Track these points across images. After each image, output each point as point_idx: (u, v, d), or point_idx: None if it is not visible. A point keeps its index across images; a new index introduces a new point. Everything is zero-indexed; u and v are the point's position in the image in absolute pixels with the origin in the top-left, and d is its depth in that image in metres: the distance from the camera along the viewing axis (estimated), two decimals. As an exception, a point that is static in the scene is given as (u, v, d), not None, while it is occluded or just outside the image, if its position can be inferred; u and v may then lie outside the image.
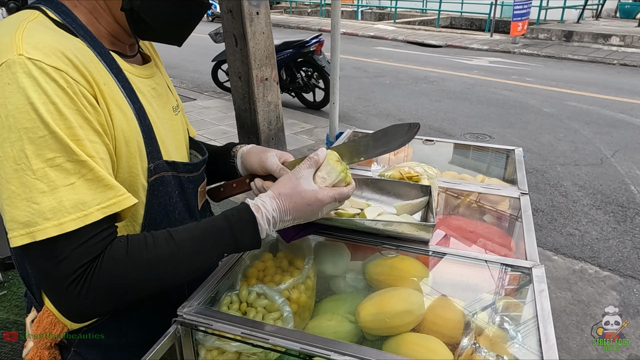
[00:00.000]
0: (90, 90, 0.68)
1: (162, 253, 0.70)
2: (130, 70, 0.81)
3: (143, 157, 0.78)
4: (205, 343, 0.83)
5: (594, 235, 3.57)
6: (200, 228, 0.75)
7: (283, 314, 0.87)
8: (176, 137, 0.92)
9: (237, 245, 0.77)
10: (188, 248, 0.72)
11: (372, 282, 1.04)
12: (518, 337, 0.87)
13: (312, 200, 0.81)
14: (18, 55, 0.62)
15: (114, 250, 0.67)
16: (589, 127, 5.90)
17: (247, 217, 0.77)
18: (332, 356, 0.72)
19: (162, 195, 0.84)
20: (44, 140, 0.62)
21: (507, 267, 0.97)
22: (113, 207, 0.67)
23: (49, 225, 0.62)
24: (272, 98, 3.87)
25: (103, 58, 0.74)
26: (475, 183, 1.38)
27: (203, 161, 0.97)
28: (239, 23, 3.49)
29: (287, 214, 0.80)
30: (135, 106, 0.77)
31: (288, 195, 0.80)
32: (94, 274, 0.65)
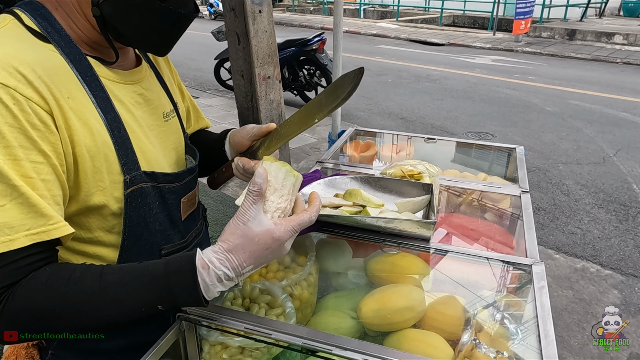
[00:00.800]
0: (44, 107, 0.66)
1: (83, 291, 0.65)
2: (110, 77, 0.78)
3: (115, 170, 0.76)
4: (208, 338, 0.84)
5: (596, 234, 3.57)
6: (134, 272, 0.68)
7: (285, 309, 0.89)
8: (164, 145, 0.89)
9: (173, 298, 0.67)
10: (113, 292, 0.66)
11: (373, 278, 1.05)
12: (518, 334, 0.88)
13: (268, 243, 0.70)
14: None
15: (34, 278, 0.64)
16: (591, 125, 5.89)
17: (187, 267, 0.67)
18: (334, 351, 0.73)
19: (141, 207, 0.81)
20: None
21: (507, 265, 0.98)
22: (42, 235, 0.64)
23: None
24: (274, 96, 3.88)
25: (76, 66, 0.72)
26: (477, 181, 1.39)
27: (189, 171, 0.93)
28: (241, 21, 3.50)
29: (242, 266, 0.69)
30: (107, 116, 0.75)
31: (239, 247, 0.69)
32: (9, 299, 0.62)
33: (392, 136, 1.81)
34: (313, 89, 6.56)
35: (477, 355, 0.83)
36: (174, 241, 0.90)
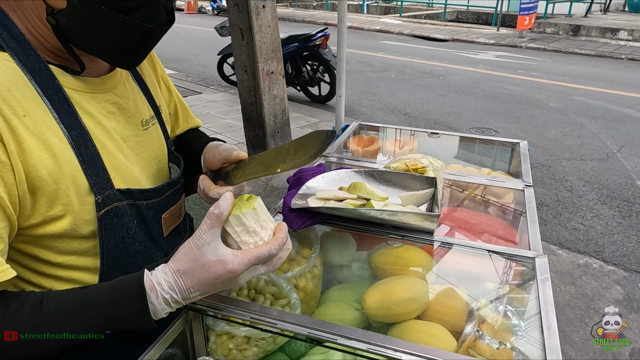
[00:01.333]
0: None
1: (20, 325, 0.59)
2: (76, 87, 0.71)
3: (83, 191, 0.69)
4: (215, 328, 0.85)
5: (599, 229, 3.57)
6: (77, 299, 0.64)
7: (290, 300, 0.90)
8: (143, 155, 0.83)
9: (120, 323, 0.63)
10: (53, 322, 0.61)
11: (377, 271, 1.06)
12: (521, 325, 0.89)
13: (219, 273, 0.65)
14: None
15: None
16: (595, 122, 5.88)
17: (136, 293, 0.63)
18: (339, 340, 0.74)
19: (118, 228, 0.75)
20: None
21: (510, 257, 0.99)
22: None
23: None
24: (278, 91, 3.88)
25: (35, 77, 0.65)
26: (480, 175, 1.40)
27: (170, 184, 0.86)
28: (245, 16, 3.51)
29: (189, 291, 0.66)
30: (72, 132, 0.68)
31: (188, 272, 0.65)
32: None
33: (396, 131, 1.82)
34: (316, 85, 6.56)
35: (480, 346, 0.84)
36: (156, 260, 0.85)
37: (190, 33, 12.46)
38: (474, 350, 0.84)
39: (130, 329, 0.64)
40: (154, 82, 0.93)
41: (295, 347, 0.91)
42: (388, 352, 0.72)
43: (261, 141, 3.93)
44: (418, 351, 0.71)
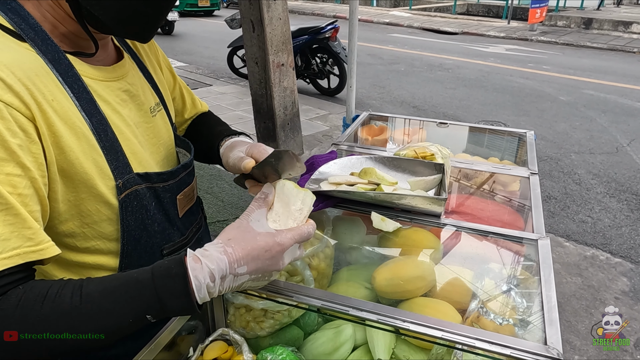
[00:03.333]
0: (25, 113, 0.60)
1: (60, 307, 0.58)
2: (92, 75, 0.73)
3: (106, 176, 0.72)
4: (234, 301, 0.91)
5: (607, 222, 3.58)
6: (118, 280, 0.62)
7: (304, 277, 0.95)
8: (153, 141, 0.86)
9: (161, 304, 0.61)
10: (95, 304, 0.59)
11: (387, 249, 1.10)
12: (523, 303, 0.93)
13: (270, 244, 0.65)
14: None
15: (4, 300, 0.57)
16: (605, 115, 5.85)
17: (177, 270, 0.62)
18: (350, 312, 0.79)
19: (138, 210, 0.78)
20: None
21: (514, 239, 1.03)
22: (16, 258, 0.58)
23: None
24: (288, 84, 3.93)
25: (56, 66, 0.67)
26: (487, 163, 1.44)
27: (183, 167, 0.89)
28: (256, 9, 3.55)
29: (238, 263, 0.64)
30: (93, 120, 0.70)
31: (238, 241, 0.65)
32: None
33: (405, 121, 1.86)
34: (325, 77, 6.59)
35: (484, 322, 0.89)
36: (174, 239, 0.89)
37: (200, 26, 12.52)
38: (478, 325, 0.89)
39: (171, 309, 0.62)
40: (156, 69, 0.94)
41: (308, 321, 0.96)
42: (397, 323, 0.76)
43: (271, 133, 3.98)
44: (425, 321, 0.76)
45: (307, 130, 5.16)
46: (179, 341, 0.87)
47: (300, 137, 4.23)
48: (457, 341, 0.73)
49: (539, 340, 0.75)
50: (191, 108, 1.08)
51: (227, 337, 0.89)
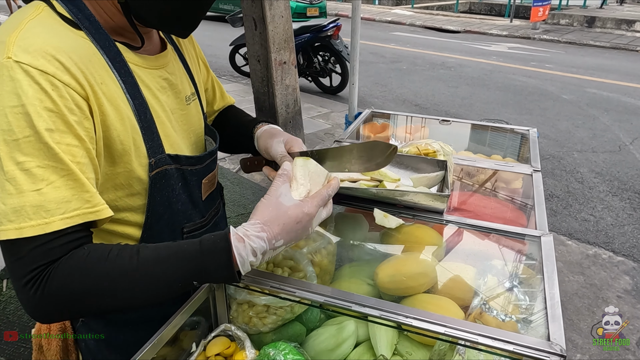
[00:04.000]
0: (80, 93, 0.68)
1: (120, 268, 0.67)
2: (137, 63, 0.81)
3: (141, 153, 0.79)
4: (236, 297, 0.91)
5: (609, 221, 3.57)
6: (170, 249, 0.70)
7: (307, 273, 0.95)
8: (185, 127, 0.92)
9: (207, 275, 0.70)
10: (150, 268, 0.68)
11: (390, 246, 1.10)
12: (525, 299, 0.93)
13: (300, 216, 0.74)
14: (6, 58, 0.63)
15: (72, 257, 0.65)
16: (608, 114, 5.83)
17: (222, 244, 0.70)
18: (353, 307, 0.79)
19: (165, 188, 0.84)
20: (16, 144, 0.63)
21: (517, 236, 1.03)
22: (76, 218, 0.65)
23: (11, 227, 0.62)
24: (290, 81, 3.92)
25: (106, 52, 0.74)
26: (490, 160, 1.44)
27: (210, 154, 0.96)
28: (258, 7, 3.54)
29: (276, 239, 0.72)
30: (135, 102, 0.77)
31: (274, 219, 0.73)
32: (49, 277, 0.64)
33: (407, 118, 1.86)
34: (327, 75, 6.58)
35: (486, 318, 0.89)
36: (194, 220, 0.94)
37: (201, 24, 12.45)
38: (481, 321, 0.88)
39: (215, 278, 0.72)
40: (193, 61, 1.01)
41: (311, 317, 0.96)
42: (399, 319, 0.77)
43: (273, 130, 3.97)
44: (428, 317, 0.76)
45: (309, 128, 5.15)
46: (182, 337, 0.87)
47: (302, 135, 4.23)
48: (459, 337, 0.73)
49: (542, 336, 0.75)
50: (220, 100, 1.16)
51: (230, 333, 0.89)
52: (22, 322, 2.34)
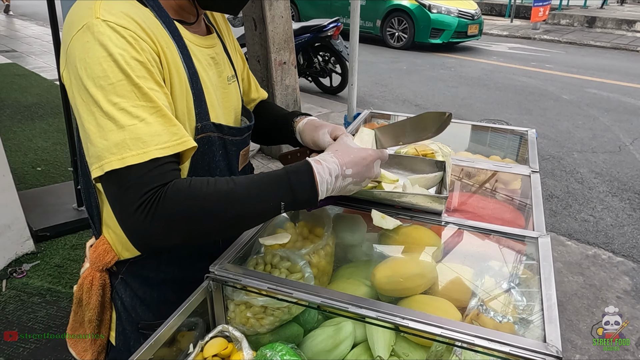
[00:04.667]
0: (154, 49, 0.79)
1: (221, 189, 0.76)
2: (191, 39, 0.90)
3: (192, 116, 0.87)
4: (234, 298, 0.91)
5: (609, 221, 3.58)
6: (259, 175, 0.81)
7: (304, 274, 0.95)
8: (226, 104, 1.01)
9: (294, 194, 0.80)
10: (246, 188, 0.77)
11: (387, 247, 1.10)
12: (523, 301, 0.93)
13: (365, 154, 0.88)
14: (95, 18, 0.74)
15: (177, 184, 0.74)
16: (608, 114, 5.83)
17: (305, 167, 0.82)
18: (350, 309, 0.79)
19: (207, 153, 0.92)
20: (112, 87, 0.72)
21: (515, 237, 1.03)
22: (167, 149, 0.74)
23: (114, 159, 0.71)
24: (290, 82, 3.93)
25: (167, 26, 0.85)
26: (488, 161, 1.44)
27: (248, 128, 1.05)
28: (258, 7, 3.54)
29: (347, 166, 0.85)
30: (189, 70, 0.87)
31: (344, 151, 0.88)
32: (158, 202, 0.71)
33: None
34: (327, 75, 6.58)
35: (484, 319, 0.89)
36: None
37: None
38: (478, 322, 0.89)
39: (300, 198, 0.81)
40: (233, 51, 1.11)
41: (308, 318, 0.96)
42: (396, 320, 0.77)
43: (273, 131, 3.98)
44: (424, 319, 0.76)
45: (309, 129, 5.15)
46: (179, 337, 0.87)
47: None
48: (456, 338, 0.73)
49: (539, 338, 0.75)
50: (255, 91, 1.24)
51: (227, 334, 0.89)
52: (21, 322, 2.34)
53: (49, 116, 5.33)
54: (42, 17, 11.36)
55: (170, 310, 0.84)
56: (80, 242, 3.01)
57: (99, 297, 0.98)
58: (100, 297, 0.99)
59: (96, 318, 1.01)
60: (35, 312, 2.41)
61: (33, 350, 2.20)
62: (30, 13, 13.25)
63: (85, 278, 0.99)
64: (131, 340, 1.02)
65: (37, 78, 6.96)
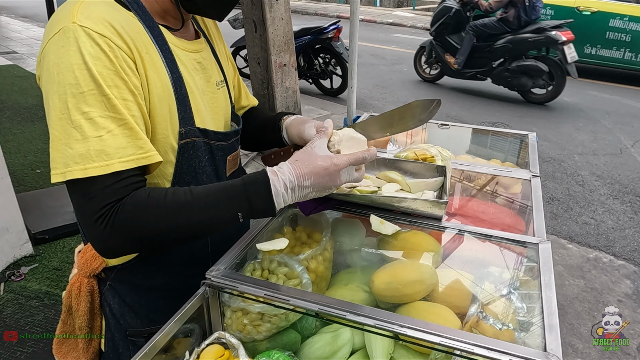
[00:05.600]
0: (130, 56, 0.78)
1: (178, 201, 0.77)
2: (176, 44, 0.90)
3: (175, 121, 0.87)
4: (230, 304, 0.90)
5: (610, 224, 3.56)
6: (218, 186, 0.82)
7: (302, 280, 0.94)
8: (215, 109, 1.00)
9: (250, 204, 0.80)
10: (203, 200, 0.79)
11: (386, 253, 1.09)
12: (523, 307, 0.92)
13: (328, 164, 0.83)
14: (72, 22, 0.74)
15: (136, 195, 0.76)
16: (609, 117, 5.82)
17: (262, 178, 0.81)
18: (347, 316, 0.78)
19: (192, 158, 0.92)
20: (82, 96, 0.72)
21: (515, 243, 1.02)
22: (131, 162, 0.75)
23: (77, 168, 0.72)
24: (290, 84, 3.92)
25: (150, 31, 0.84)
26: (488, 165, 1.43)
27: (235, 132, 1.04)
28: (258, 9, 3.54)
29: (305, 178, 0.82)
30: (173, 75, 0.86)
31: (304, 160, 0.83)
32: (117, 212, 0.74)
33: (406, 122, 1.84)
34: (328, 78, 6.57)
35: (483, 327, 0.88)
36: None
37: (203, 25, 12.46)
38: (477, 330, 0.87)
39: (257, 208, 0.81)
40: (223, 57, 1.10)
41: (306, 325, 0.95)
42: (394, 328, 0.76)
43: (273, 133, 3.97)
44: (423, 327, 0.75)
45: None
46: (175, 344, 0.86)
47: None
48: (455, 347, 0.72)
49: (539, 346, 0.74)
50: (245, 99, 1.24)
51: (224, 341, 0.88)
52: (19, 326, 2.33)
53: (49, 118, 5.32)
54: (42, 18, 11.37)
55: (159, 318, 0.84)
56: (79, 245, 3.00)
57: (88, 303, 0.99)
58: (89, 304, 0.99)
59: (86, 325, 1.01)
60: (33, 316, 2.40)
61: (30, 354, 2.18)
62: (31, 14, 13.27)
63: (74, 284, 0.99)
64: (120, 347, 1.02)
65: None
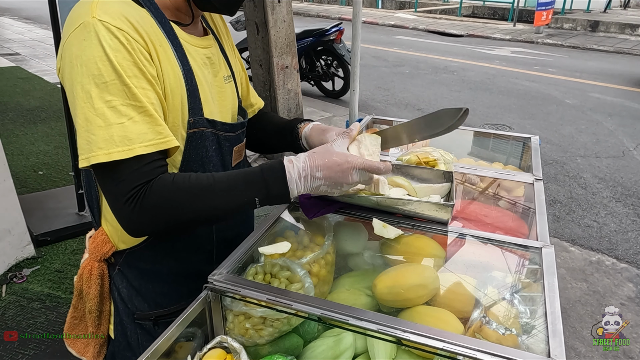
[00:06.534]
0: (146, 48, 0.83)
1: (201, 183, 0.83)
2: (186, 39, 0.94)
3: (185, 111, 0.91)
4: (233, 308, 0.90)
5: (613, 227, 3.55)
6: (237, 171, 0.88)
7: (305, 284, 0.93)
8: (223, 102, 1.04)
9: (267, 190, 0.86)
10: (224, 183, 0.85)
11: (388, 257, 1.09)
12: (526, 312, 0.92)
13: (342, 161, 0.89)
14: (92, 17, 0.78)
15: (162, 178, 0.82)
16: (612, 119, 5.81)
17: (278, 166, 0.87)
18: (350, 321, 0.78)
19: (200, 148, 0.96)
20: (105, 86, 0.77)
21: (518, 247, 1.02)
22: (151, 147, 0.80)
23: (101, 153, 0.76)
24: (292, 86, 3.92)
25: (162, 26, 0.89)
26: (491, 169, 1.42)
27: (241, 124, 1.09)
28: (260, 11, 3.54)
29: (317, 169, 0.87)
30: (184, 67, 0.91)
31: (320, 153, 0.89)
32: (145, 194, 0.79)
33: (409, 125, 1.84)
34: (330, 80, 6.57)
35: (486, 331, 0.87)
36: None
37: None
38: (480, 334, 0.87)
39: (273, 193, 0.87)
40: (232, 55, 1.14)
41: (308, 329, 0.95)
42: (397, 333, 0.75)
43: (275, 135, 3.97)
44: (426, 332, 0.74)
45: (311, 133, 5.14)
46: (177, 348, 0.86)
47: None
48: (458, 352, 0.72)
49: (543, 351, 0.74)
50: (252, 97, 1.26)
51: (226, 345, 0.88)
52: (20, 328, 2.33)
53: (51, 119, 5.34)
54: (45, 20, 11.39)
55: (165, 302, 0.91)
56: (80, 247, 3.00)
57: (98, 286, 1.02)
58: (99, 287, 1.03)
59: (96, 309, 1.04)
60: (35, 318, 2.40)
61: (32, 355, 2.18)
62: (34, 16, 13.31)
63: (85, 268, 1.03)
64: (128, 330, 1.05)
65: (40, 81, 6.97)
